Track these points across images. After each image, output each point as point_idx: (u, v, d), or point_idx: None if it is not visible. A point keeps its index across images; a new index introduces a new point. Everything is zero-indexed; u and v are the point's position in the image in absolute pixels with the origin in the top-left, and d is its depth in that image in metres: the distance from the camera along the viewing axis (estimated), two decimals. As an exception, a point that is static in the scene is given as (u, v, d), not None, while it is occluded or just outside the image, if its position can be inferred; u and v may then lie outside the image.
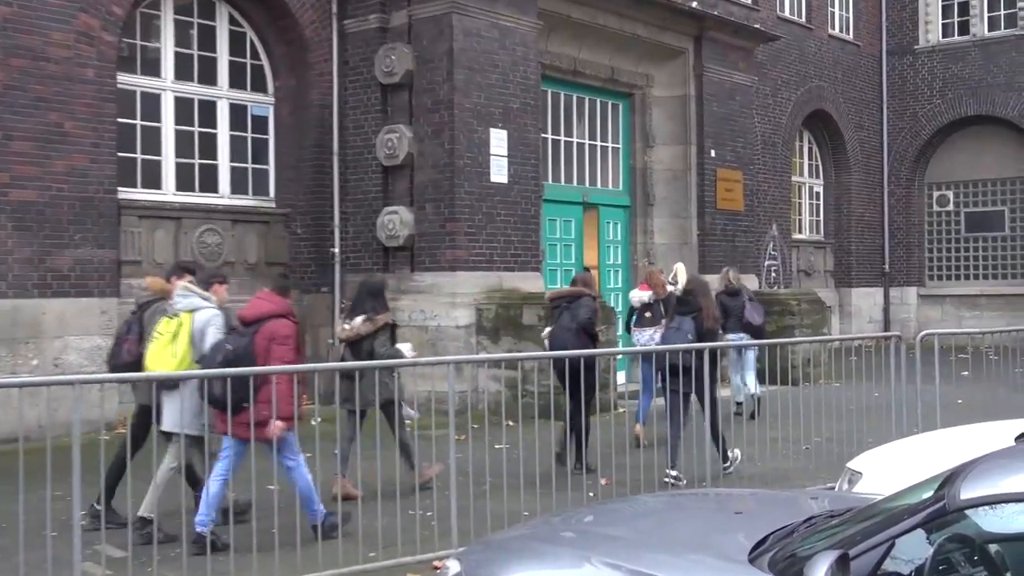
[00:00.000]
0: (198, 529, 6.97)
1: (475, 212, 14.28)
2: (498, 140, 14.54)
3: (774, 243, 22.29)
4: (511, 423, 10.57)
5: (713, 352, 8.84)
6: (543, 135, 16.13)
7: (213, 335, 7.39)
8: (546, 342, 10.35)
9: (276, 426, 6.93)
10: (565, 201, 16.95)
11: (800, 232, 24.70)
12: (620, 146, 18.48)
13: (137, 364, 7.66)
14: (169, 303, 7.71)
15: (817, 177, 25.47)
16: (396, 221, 14.44)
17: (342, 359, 9.02)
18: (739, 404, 13.20)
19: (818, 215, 25.48)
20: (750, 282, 17.97)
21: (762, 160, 22.05)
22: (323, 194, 15.06)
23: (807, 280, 24.35)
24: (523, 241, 14.87)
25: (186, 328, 7.44)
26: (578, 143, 17.64)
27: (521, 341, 13.66)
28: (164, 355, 7.40)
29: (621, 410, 12.50)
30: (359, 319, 8.94)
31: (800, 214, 24.81)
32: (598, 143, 18.06)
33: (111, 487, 7.55)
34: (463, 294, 14.07)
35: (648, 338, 11.36)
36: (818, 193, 25.43)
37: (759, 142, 21.81)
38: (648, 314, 11.69)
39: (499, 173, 14.56)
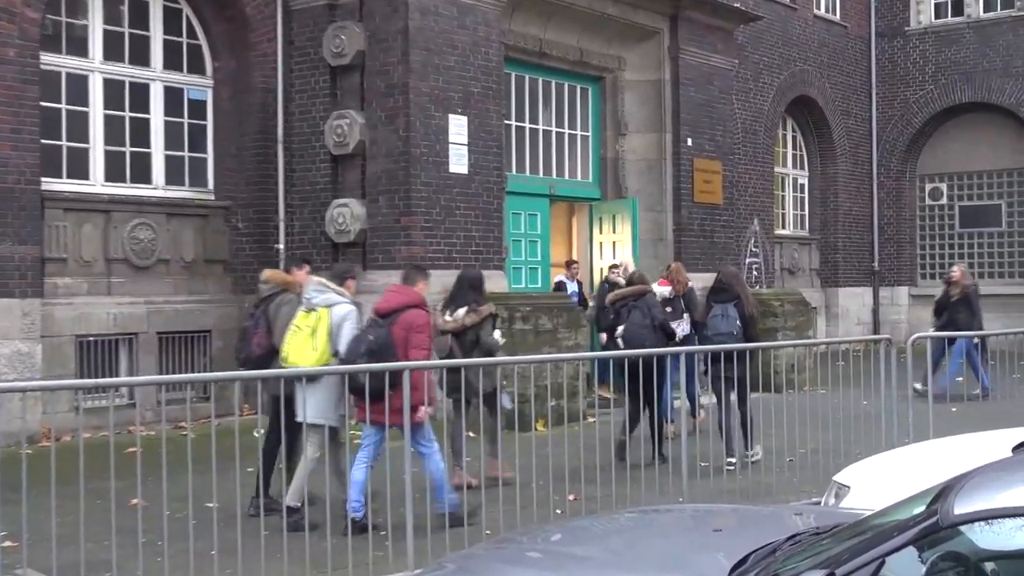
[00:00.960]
0: (352, 514, 7.87)
1: (432, 205, 14.26)
2: (457, 127, 14.53)
3: (755, 239, 22.42)
4: (471, 434, 10.56)
5: (750, 340, 10.64)
6: (506, 122, 16.14)
7: (349, 329, 8.41)
8: (619, 341, 11.28)
9: (423, 411, 7.88)
10: (530, 193, 16.97)
11: (783, 227, 24.87)
12: (589, 134, 18.53)
13: (268, 357, 8.65)
14: (296, 294, 8.80)
15: (802, 168, 25.65)
16: (346, 215, 14.39)
17: (450, 351, 9.88)
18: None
19: (803, 209, 25.68)
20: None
21: (743, 150, 22.18)
22: (267, 185, 14.99)
23: (791, 279, 24.52)
24: (485, 236, 14.86)
25: (324, 323, 8.42)
26: (544, 131, 17.67)
27: (483, 345, 13.66)
28: (305, 349, 8.38)
29: (591, 420, 12.54)
30: (462, 311, 10.03)
31: (783, 208, 24.98)
32: (566, 131, 18.10)
33: (267, 476, 8.59)
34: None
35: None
36: (803, 185, 25.62)
37: (739, 130, 21.93)
38: (669, 309, 12.40)
39: (459, 163, 14.55)
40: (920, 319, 26.11)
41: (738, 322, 10.83)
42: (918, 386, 11.97)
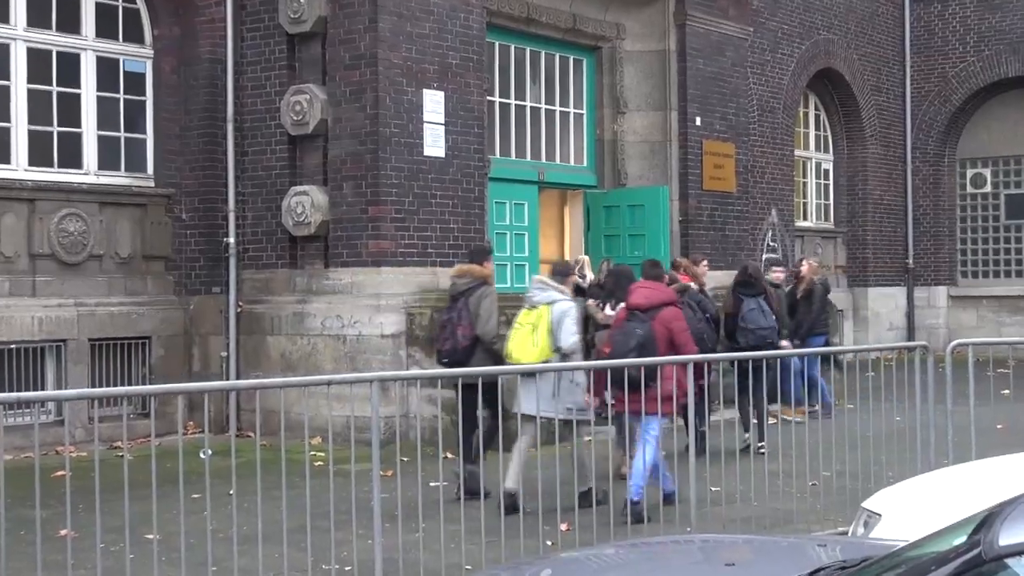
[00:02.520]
0: (634, 497, 9.36)
1: (405, 193, 14.26)
2: (433, 104, 14.52)
3: (773, 232, 22.46)
4: (450, 455, 10.54)
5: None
6: (489, 98, 16.13)
7: (570, 325, 9.99)
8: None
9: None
10: (517, 180, 16.97)
11: (805, 219, 24.91)
12: (584, 112, 18.54)
13: (473, 348, 10.52)
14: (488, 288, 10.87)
15: (826, 151, 25.71)
16: (306, 204, 14.38)
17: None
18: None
19: (827, 198, 25.72)
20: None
21: (759, 130, 22.21)
22: (214, 171, 14.97)
23: (814, 277, 24.54)
24: (464, 229, 14.86)
25: (545, 319, 9.99)
26: (532, 108, 17.67)
27: (462, 353, 13.66)
28: (526, 345, 10.00)
29: (587, 438, 12.54)
30: (621, 307, 10.83)
31: (805, 197, 25.03)
32: (557, 108, 18.10)
33: (471, 460, 10.06)
34: (390, 295, 14.05)
35: None
36: (827, 171, 25.67)
37: (755, 108, 21.96)
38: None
39: (434, 145, 14.55)
40: (961, 323, 26.23)
41: (768, 312, 12.14)
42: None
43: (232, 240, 14.87)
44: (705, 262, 15.19)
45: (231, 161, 14.92)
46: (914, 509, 6.28)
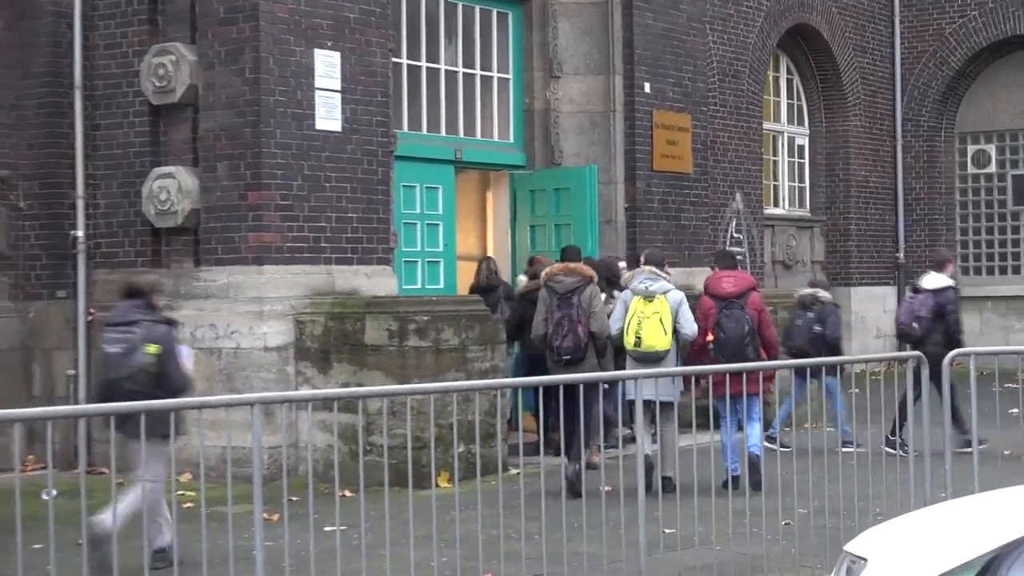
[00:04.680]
0: (733, 473, 12.26)
1: (292, 175, 14.21)
2: (327, 67, 14.48)
3: (738, 220, 22.61)
4: (348, 492, 10.51)
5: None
6: (395, 60, 16.11)
7: (688, 312, 12.85)
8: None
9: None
10: (429, 159, 16.94)
11: (776, 205, 25.10)
12: (510, 77, 18.54)
13: (589, 344, 13.01)
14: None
15: (800, 124, 25.92)
16: (171, 189, 14.29)
17: None
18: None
19: (802, 180, 25.93)
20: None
21: (720, 99, 22.35)
22: (59, 148, 14.86)
23: (786, 275, 24.76)
24: (366, 219, 14.84)
25: (666, 307, 12.71)
26: (448, 72, 17.64)
27: (364, 370, 13.62)
28: (658, 333, 12.64)
29: (514, 471, 12.55)
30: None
31: (776, 178, 25.23)
32: (477, 72, 18.09)
33: None
34: (275, 299, 14.00)
35: None
36: (802, 147, 25.89)
37: (715, 72, 22.10)
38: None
39: (329, 117, 14.51)
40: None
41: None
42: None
43: (81, 233, 14.76)
44: (623, 263, 15.40)
45: (79, 137, 14.80)
46: (906, 553, 6.35)
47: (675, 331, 12.84)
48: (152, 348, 9.91)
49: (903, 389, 11.80)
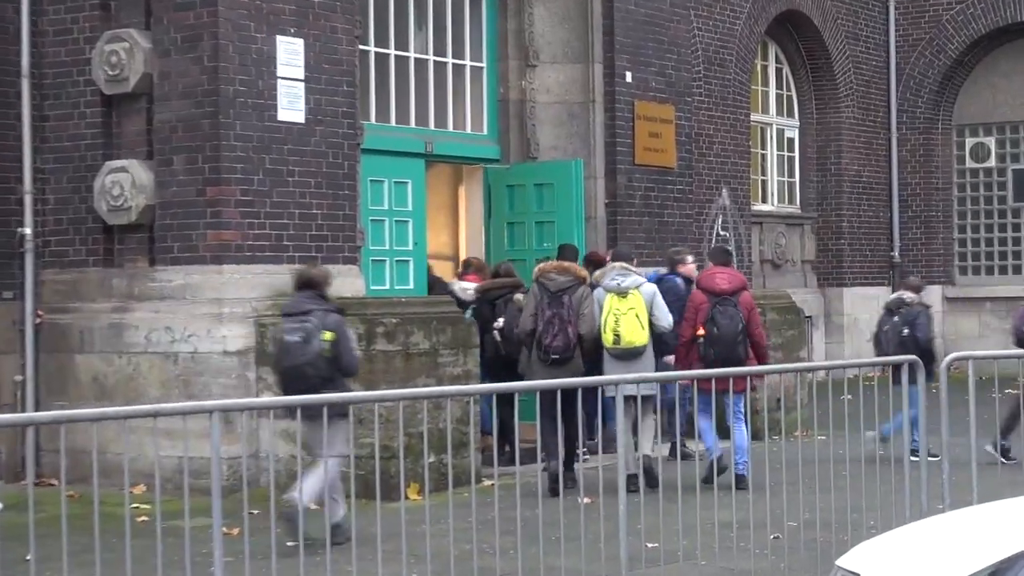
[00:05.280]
0: (739, 471, 12.95)
1: (253, 169, 14.18)
2: (290, 55, 14.46)
3: (724, 217, 22.65)
4: (313, 505, 10.49)
5: None
6: (362, 47, 16.09)
7: (663, 305, 13.66)
8: (496, 334, 15.13)
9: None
10: (398, 152, 16.92)
11: (764, 201, 25.17)
12: (484, 66, 18.54)
13: (577, 345, 13.60)
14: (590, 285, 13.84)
15: (790, 116, 25.98)
16: (125, 184, 14.25)
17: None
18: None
19: (791, 174, 26.00)
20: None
21: (705, 89, 22.39)
22: (5, 141, 14.80)
23: (775, 275, 24.82)
24: (331, 215, 14.82)
25: (640, 302, 13.43)
26: (418, 61, 17.63)
27: (329, 375, 13.61)
28: (636, 328, 13.34)
29: (488, 482, 12.54)
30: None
31: (764, 173, 25.29)
32: (449, 60, 18.08)
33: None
34: (235, 300, 13.98)
35: None
36: (792, 140, 25.95)
37: (700, 61, 22.14)
38: None
39: (291, 107, 14.50)
40: (959, 332, 26.61)
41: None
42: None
43: (29, 231, 14.70)
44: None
45: (27, 128, 14.74)
46: (901, 568, 6.36)
47: (650, 324, 13.56)
48: (328, 335, 11.31)
49: (1014, 396, 12.80)
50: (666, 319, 13.66)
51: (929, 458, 10.40)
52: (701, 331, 13.62)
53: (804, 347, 19.46)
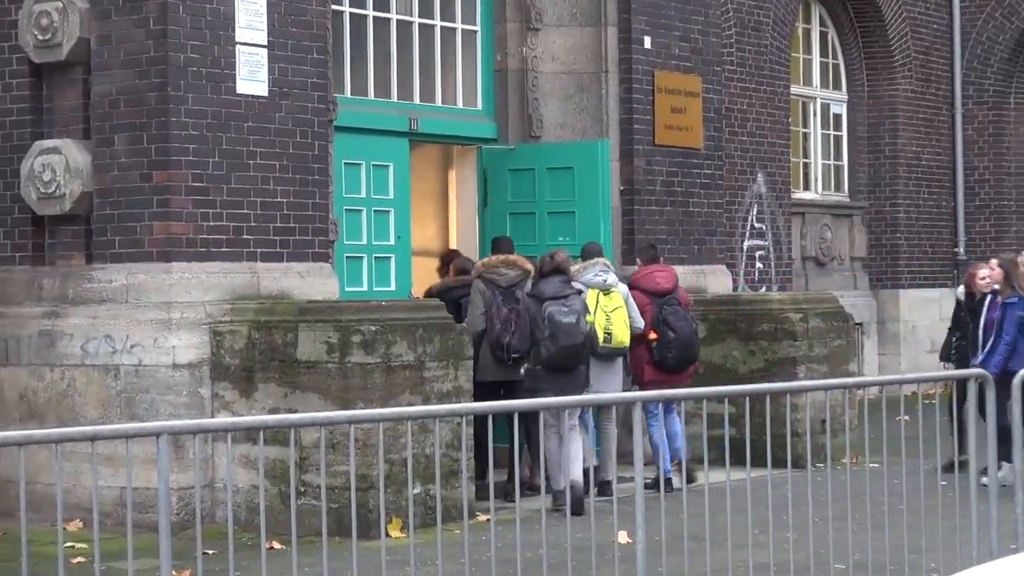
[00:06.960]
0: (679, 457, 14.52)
1: (208, 151, 14.21)
2: (250, 16, 14.47)
3: (760, 207, 22.65)
4: (277, 544, 10.49)
5: None
6: (335, 7, 16.10)
7: (633, 304, 15.09)
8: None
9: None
10: (377, 130, 16.94)
11: (807, 188, 25.19)
12: (478, 29, 18.55)
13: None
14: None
15: (837, 88, 26.00)
16: (58, 167, 14.27)
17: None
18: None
19: (839, 157, 26.01)
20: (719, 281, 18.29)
21: (737, 57, 22.40)
22: (-83, 117, 14.84)
23: (819, 275, 24.84)
24: (299, 204, 14.86)
25: (621, 299, 14.90)
26: (401, 24, 17.64)
27: (297, 392, 13.60)
28: (624, 327, 14.81)
29: (483, 517, 12.54)
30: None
31: (807, 155, 25.30)
32: (437, 23, 18.09)
33: None
34: (186, 304, 13.99)
35: None
36: (839, 117, 25.95)
37: (732, 24, 22.14)
38: None
39: (253, 78, 14.53)
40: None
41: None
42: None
43: (-55, 222, 14.74)
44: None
45: (-57, 102, 14.80)
46: (969, 618, 6.35)
47: None
48: (589, 317, 14.56)
49: None
50: (640, 320, 15.13)
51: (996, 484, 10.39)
52: (653, 335, 15.21)
53: (854, 359, 19.45)
